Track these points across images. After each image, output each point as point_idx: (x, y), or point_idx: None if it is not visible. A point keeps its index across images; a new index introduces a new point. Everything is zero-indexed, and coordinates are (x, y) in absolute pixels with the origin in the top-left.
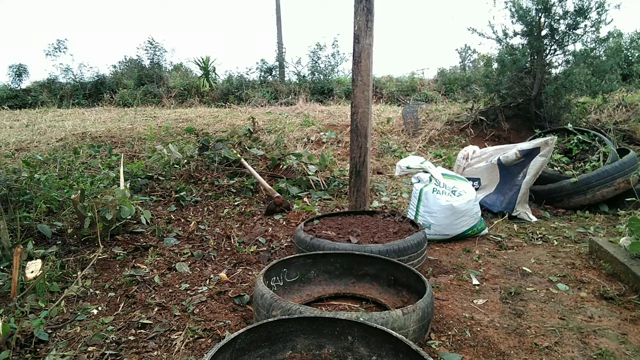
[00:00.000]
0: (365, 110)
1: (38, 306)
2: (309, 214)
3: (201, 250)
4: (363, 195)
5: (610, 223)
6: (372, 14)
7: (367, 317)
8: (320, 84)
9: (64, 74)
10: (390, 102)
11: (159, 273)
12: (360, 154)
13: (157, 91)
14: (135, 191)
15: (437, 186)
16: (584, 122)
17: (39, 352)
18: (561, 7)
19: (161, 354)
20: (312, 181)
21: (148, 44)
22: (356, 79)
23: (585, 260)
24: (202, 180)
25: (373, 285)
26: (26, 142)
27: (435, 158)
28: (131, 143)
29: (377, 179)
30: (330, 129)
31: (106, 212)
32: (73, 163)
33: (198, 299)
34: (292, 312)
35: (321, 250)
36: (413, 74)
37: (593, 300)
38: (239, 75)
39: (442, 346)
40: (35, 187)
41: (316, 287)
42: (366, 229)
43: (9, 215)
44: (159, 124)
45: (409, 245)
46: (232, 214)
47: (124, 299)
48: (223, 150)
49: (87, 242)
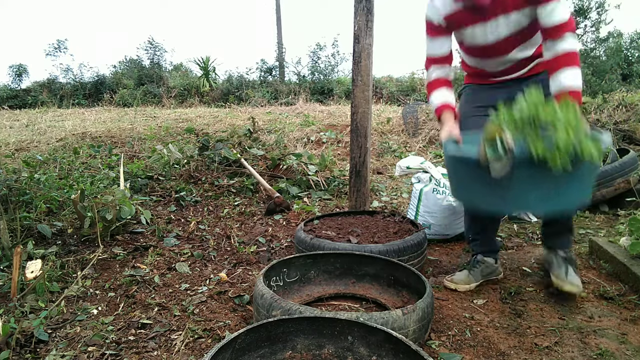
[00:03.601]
0: (365, 110)
1: (38, 306)
2: (309, 214)
3: (201, 250)
4: (363, 195)
5: (610, 223)
6: (372, 14)
7: (367, 317)
8: (320, 84)
9: (64, 74)
10: (390, 102)
11: (159, 273)
12: (360, 154)
13: (157, 91)
14: (135, 191)
15: (437, 186)
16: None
17: (39, 352)
18: None
19: (161, 354)
20: (312, 181)
21: (148, 44)
22: (356, 79)
23: (585, 260)
24: (202, 180)
25: (373, 285)
26: (26, 142)
27: (435, 158)
28: (131, 143)
29: (377, 179)
30: (330, 129)
31: (106, 212)
32: (73, 163)
33: (198, 299)
34: (292, 312)
35: (321, 250)
36: (413, 74)
37: (593, 300)
38: (239, 75)
39: (442, 346)
40: (35, 187)
41: (316, 287)
42: (366, 229)
43: (9, 215)
44: (159, 124)
45: (409, 245)
46: (232, 214)
47: (124, 299)
48: (223, 150)
49: (87, 242)
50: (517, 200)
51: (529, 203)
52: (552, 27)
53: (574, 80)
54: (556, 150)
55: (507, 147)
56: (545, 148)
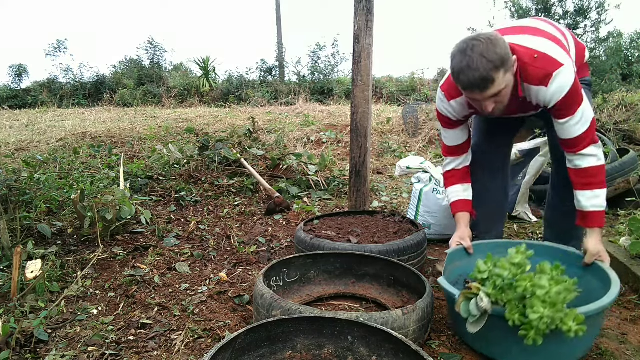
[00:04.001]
0: (365, 110)
1: (38, 306)
2: (309, 214)
3: (201, 250)
4: (363, 195)
5: (610, 223)
6: (372, 14)
7: (367, 317)
8: (320, 84)
9: (64, 74)
10: (390, 102)
11: (159, 273)
12: (360, 154)
13: (157, 91)
14: (135, 191)
15: (437, 186)
16: None
17: (39, 352)
18: (561, 7)
19: (161, 354)
20: (312, 181)
21: (148, 44)
22: (356, 79)
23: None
24: (202, 180)
25: (373, 285)
26: (26, 142)
27: (435, 158)
28: (131, 143)
29: (377, 179)
30: (330, 129)
31: (106, 212)
32: (73, 163)
33: (198, 299)
34: (292, 312)
35: (321, 250)
36: (413, 74)
37: None
38: (239, 75)
39: (442, 346)
40: (35, 187)
41: (316, 287)
42: (366, 229)
43: (9, 215)
44: (159, 124)
45: (409, 245)
46: (232, 214)
47: (124, 299)
48: (223, 150)
49: (87, 242)
50: (499, 344)
51: (511, 351)
52: (568, 140)
53: (591, 201)
54: (529, 325)
55: (483, 309)
56: (521, 319)
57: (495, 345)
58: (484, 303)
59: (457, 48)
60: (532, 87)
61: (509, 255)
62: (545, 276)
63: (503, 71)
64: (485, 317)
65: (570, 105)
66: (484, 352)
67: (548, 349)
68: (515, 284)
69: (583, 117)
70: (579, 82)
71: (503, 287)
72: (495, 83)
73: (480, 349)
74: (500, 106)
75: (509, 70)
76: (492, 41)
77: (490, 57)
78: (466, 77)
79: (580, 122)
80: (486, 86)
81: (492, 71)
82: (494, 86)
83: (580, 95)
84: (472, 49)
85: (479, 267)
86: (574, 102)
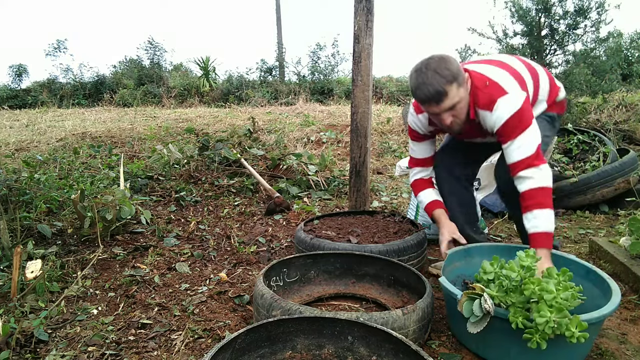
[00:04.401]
0: (365, 110)
1: (38, 306)
2: (309, 214)
3: (201, 250)
4: (363, 195)
5: (610, 223)
6: (372, 14)
7: (367, 317)
8: (320, 84)
9: (64, 74)
10: (390, 102)
11: (159, 273)
12: (360, 154)
13: (157, 91)
14: (135, 191)
15: None
16: (584, 122)
17: (39, 352)
18: (561, 7)
19: (161, 354)
20: (312, 181)
21: (148, 44)
22: (356, 79)
23: (585, 260)
24: (202, 180)
25: (373, 285)
26: (26, 142)
27: None
28: (131, 143)
29: (377, 179)
30: (330, 129)
31: (106, 212)
32: (73, 163)
33: (198, 299)
34: (292, 312)
35: (321, 250)
36: None
37: None
38: (239, 75)
39: (442, 346)
40: (35, 187)
41: (316, 287)
42: (366, 229)
43: (9, 215)
44: (159, 124)
45: (409, 245)
46: (232, 214)
47: (124, 299)
48: (223, 150)
49: (87, 242)
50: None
51: (509, 354)
52: (509, 164)
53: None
54: (534, 328)
55: (486, 310)
56: (525, 322)
57: (492, 347)
58: (487, 304)
59: (413, 68)
60: (480, 112)
61: (517, 257)
62: (553, 281)
63: (456, 85)
64: (487, 318)
65: (511, 131)
66: (479, 353)
67: (546, 353)
68: (523, 287)
69: (524, 144)
70: (528, 112)
71: (508, 289)
72: (449, 95)
73: (476, 349)
74: (458, 121)
75: (461, 85)
76: (443, 59)
77: (443, 73)
78: (422, 92)
79: (521, 148)
80: (440, 99)
81: (445, 85)
82: (448, 98)
83: (524, 124)
84: (426, 67)
85: (485, 268)
86: (516, 128)
